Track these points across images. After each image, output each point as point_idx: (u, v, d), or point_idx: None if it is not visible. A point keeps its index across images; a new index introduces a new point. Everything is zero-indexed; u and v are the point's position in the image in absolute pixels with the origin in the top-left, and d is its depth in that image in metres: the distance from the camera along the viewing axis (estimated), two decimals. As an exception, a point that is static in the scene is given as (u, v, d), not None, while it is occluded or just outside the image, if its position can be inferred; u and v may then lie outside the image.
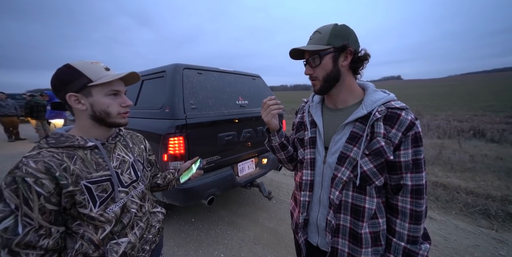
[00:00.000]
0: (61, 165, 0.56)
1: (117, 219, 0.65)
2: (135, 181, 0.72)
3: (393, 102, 0.63)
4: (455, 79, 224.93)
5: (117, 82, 0.65)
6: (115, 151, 0.69)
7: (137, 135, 0.87)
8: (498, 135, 5.43)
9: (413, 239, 0.61)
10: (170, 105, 1.69)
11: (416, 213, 0.61)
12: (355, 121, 0.65)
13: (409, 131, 0.59)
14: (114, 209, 0.63)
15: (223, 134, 1.90)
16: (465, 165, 3.47)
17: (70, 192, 0.56)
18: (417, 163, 0.60)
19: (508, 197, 2.35)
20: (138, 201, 0.72)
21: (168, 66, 1.86)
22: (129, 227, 0.68)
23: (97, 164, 0.63)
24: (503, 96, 19.29)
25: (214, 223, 2.23)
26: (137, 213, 0.71)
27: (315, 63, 0.67)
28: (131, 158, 0.73)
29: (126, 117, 0.68)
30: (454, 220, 2.11)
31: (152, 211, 0.81)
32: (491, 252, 1.69)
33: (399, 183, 0.62)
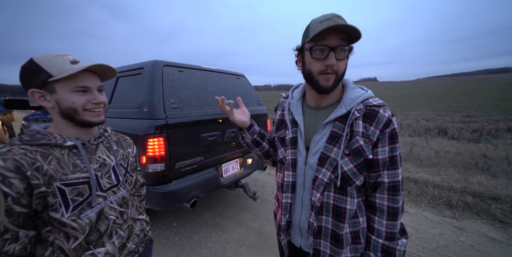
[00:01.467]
0: (33, 164, 0.52)
1: (93, 227, 0.59)
2: (115, 185, 0.67)
3: (371, 99, 0.63)
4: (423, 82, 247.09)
5: (84, 77, 0.58)
6: (96, 153, 0.65)
7: (126, 138, 0.82)
8: (457, 133, 6.07)
9: (391, 235, 0.62)
10: (149, 104, 1.59)
11: (393, 210, 0.61)
12: (335, 121, 0.64)
13: (386, 128, 0.59)
14: (89, 215, 0.58)
15: (206, 135, 1.84)
16: (432, 160, 3.81)
17: (42, 192, 0.52)
18: (393, 160, 0.61)
19: (466, 188, 2.63)
20: (117, 207, 0.67)
21: (146, 62, 1.75)
22: (107, 236, 0.63)
23: (74, 166, 0.58)
24: (461, 98, 21.65)
25: (197, 226, 2.16)
26: (116, 220, 0.66)
27: (341, 56, 0.59)
28: (113, 162, 0.68)
29: (99, 115, 0.62)
30: (423, 212, 2.30)
31: (136, 218, 0.76)
32: (453, 239, 1.87)
33: (377, 180, 0.62)
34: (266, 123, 2.62)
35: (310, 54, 0.60)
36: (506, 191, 2.51)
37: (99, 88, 0.62)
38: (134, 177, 0.77)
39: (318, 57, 0.59)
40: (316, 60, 0.60)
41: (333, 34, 0.57)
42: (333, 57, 0.58)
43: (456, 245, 1.80)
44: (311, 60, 0.61)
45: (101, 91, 0.63)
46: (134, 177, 0.77)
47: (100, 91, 0.63)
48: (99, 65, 0.59)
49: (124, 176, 0.71)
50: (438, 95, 29.72)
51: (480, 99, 18.76)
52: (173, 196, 1.60)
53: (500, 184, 2.73)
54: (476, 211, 2.24)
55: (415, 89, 74.18)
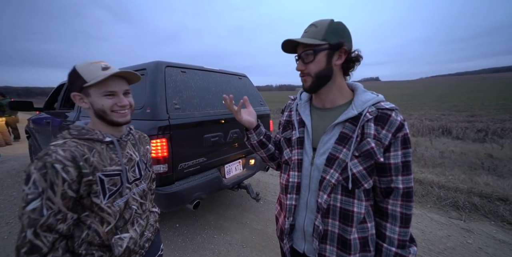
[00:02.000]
0: (83, 155, 0.60)
1: (121, 214, 0.67)
2: (138, 179, 0.75)
3: (382, 103, 0.62)
4: (425, 81, 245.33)
5: (112, 83, 0.66)
6: (125, 148, 0.73)
7: (145, 136, 0.89)
8: (462, 133, 5.99)
9: (403, 243, 0.61)
10: (152, 105, 1.59)
11: (406, 216, 0.61)
12: (345, 122, 0.63)
13: (399, 132, 0.59)
14: (120, 203, 0.67)
15: (209, 135, 1.83)
16: (436, 160, 3.77)
17: (89, 180, 0.60)
18: (407, 165, 0.60)
19: (472, 189, 2.58)
20: (138, 198, 0.74)
21: (149, 63, 1.75)
22: (130, 223, 0.71)
23: (111, 159, 0.66)
24: (464, 97, 21.40)
25: (200, 227, 2.15)
26: (138, 210, 0.74)
27: (308, 59, 0.64)
28: (137, 157, 0.76)
29: (124, 115, 0.69)
30: (429, 213, 2.26)
31: (151, 210, 0.85)
32: (461, 241, 1.84)
33: (390, 186, 0.61)
34: (269, 124, 2.60)
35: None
36: (514, 192, 2.46)
37: (125, 92, 0.69)
38: (151, 172, 0.85)
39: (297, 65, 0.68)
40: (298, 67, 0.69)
41: (296, 45, 0.66)
42: (300, 64, 0.67)
43: (464, 247, 1.77)
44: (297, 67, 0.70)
45: (127, 94, 0.71)
46: (151, 172, 0.85)
47: (126, 94, 0.70)
48: (124, 72, 0.67)
49: (144, 170, 0.79)
50: (441, 95, 29.44)
51: (484, 98, 18.54)
52: (176, 197, 1.59)
53: (508, 185, 2.68)
54: (484, 213, 2.19)
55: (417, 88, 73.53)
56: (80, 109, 2.41)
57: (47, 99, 3.37)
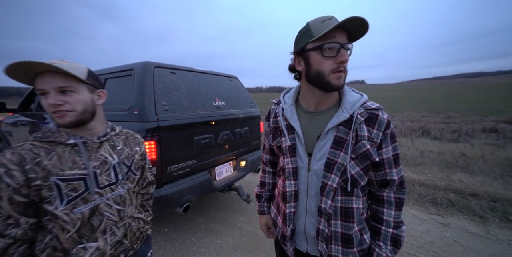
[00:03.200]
0: (34, 159, 0.57)
1: (85, 221, 0.63)
2: (113, 183, 0.69)
3: (368, 103, 0.64)
4: (407, 85, 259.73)
5: (40, 79, 0.58)
6: (98, 150, 0.68)
7: (136, 136, 0.85)
8: (439, 133, 6.41)
9: (398, 224, 0.66)
10: (139, 106, 1.54)
11: (400, 200, 0.66)
12: (338, 125, 0.63)
13: (387, 130, 0.63)
14: (82, 210, 0.62)
15: (199, 137, 1.81)
16: (417, 160, 3.99)
17: (37, 186, 0.56)
18: (396, 158, 0.65)
19: (448, 186, 2.77)
20: (114, 204, 0.69)
21: (136, 64, 1.70)
22: (101, 232, 0.65)
23: (73, 162, 0.62)
24: (441, 100, 22.93)
25: (189, 231, 2.10)
26: (112, 217, 0.68)
27: (348, 54, 0.60)
28: (115, 160, 0.71)
29: (62, 116, 0.60)
30: (411, 210, 2.39)
31: (135, 216, 0.78)
32: (439, 235, 1.96)
33: (385, 178, 0.66)
34: (259, 125, 2.62)
35: (320, 53, 0.59)
36: (483, 188, 2.67)
37: (61, 90, 0.59)
38: (138, 176, 0.79)
39: (329, 55, 0.58)
40: (327, 58, 0.58)
41: (340, 32, 0.57)
42: (346, 53, 0.58)
43: (441, 241, 1.89)
44: (321, 59, 0.59)
45: (65, 93, 0.60)
46: (137, 176, 0.78)
47: (64, 93, 0.60)
48: (47, 65, 0.55)
49: (126, 174, 0.73)
50: (421, 98, 31.28)
51: (458, 101, 19.98)
52: (165, 201, 1.55)
53: (478, 181, 2.91)
54: (458, 208, 2.36)
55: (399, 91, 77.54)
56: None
57: (22, 100, 3.15)
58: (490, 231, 1.99)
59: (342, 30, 0.58)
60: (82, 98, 0.63)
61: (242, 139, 2.29)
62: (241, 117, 2.27)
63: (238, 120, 2.23)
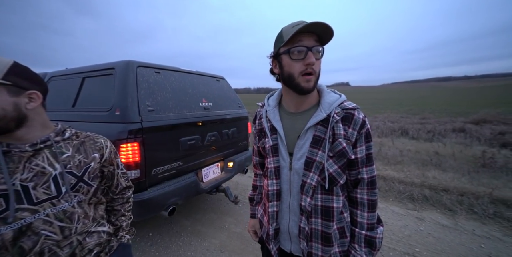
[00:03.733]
0: None
1: (8, 245, 0.53)
2: (54, 197, 0.59)
3: (345, 103, 0.67)
4: (388, 87, 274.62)
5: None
6: (32, 160, 0.58)
7: (96, 140, 0.73)
8: (416, 133, 6.84)
9: (371, 226, 0.68)
10: (121, 106, 1.48)
11: (372, 202, 0.67)
12: (316, 125, 0.66)
13: (362, 129, 0.64)
14: (2, 232, 0.52)
15: (185, 138, 1.78)
16: (397, 158, 4.23)
17: None
18: (369, 157, 0.66)
19: (424, 182, 2.97)
20: (55, 221, 0.59)
21: (118, 62, 1.64)
22: (35, 254, 0.56)
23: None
24: (418, 102, 24.55)
25: (175, 235, 2.05)
26: (53, 236, 0.58)
27: (317, 56, 0.62)
28: (57, 170, 0.60)
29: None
30: (391, 206, 2.53)
31: (93, 230, 0.68)
32: (415, 229, 2.10)
33: (358, 177, 0.67)
34: (247, 126, 2.63)
35: (288, 57, 0.62)
36: (453, 183, 2.90)
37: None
38: (94, 186, 0.68)
39: (297, 58, 0.61)
40: (295, 61, 0.61)
41: (307, 35, 0.60)
42: (312, 56, 0.60)
43: (417, 234, 2.02)
44: (291, 62, 0.62)
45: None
46: (93, 186, 0.68)
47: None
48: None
49: (76, 185, 0.63)
50: (400, 100, 33.22)
51: (432, 104, 21.50)
52: (149, 205, 1.50)
53: (449, 177, 3.16)
54: (432, 202, 2.54)
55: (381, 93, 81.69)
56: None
57: None
58: (458, 222, 2.17)
59: (310, 34, 0.60)
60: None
61: (230, 140, 2.29)
62: (229, 118, 2.27)
63: (226, 121, 2.22)
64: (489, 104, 15.57)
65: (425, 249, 1.81)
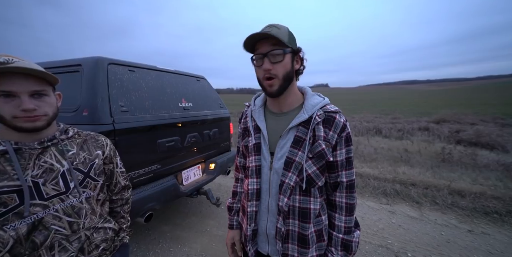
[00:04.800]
0: None
1: (22, 239, 0.56)
2: (62, 193, 0.63)
3: (328, 106, 0.68)
4: (363, 89, 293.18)
5: (7, 81, 0.54)
6: (41, 157, 0.61)
7: (97, 139, 0.77)
8: (388, 132, 7.39)
9: (348, 229, 0.68)
10: (90, 107, 1.36)
11: (350, 206, 0.68)
12: (298, 125, 0.66)
13: (342, 132, 0.65)
14: (17, 226, 0.55)
15: (163, 140, 1.69)
16: (372, 156, 4.52)
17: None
18: (349, 160, 0.67)
19: (395, 178, 3.22)
20: (64, 216, 0.63)
21: (85, 59, 1.50)
22: (46, 248, 0.59)
23: (3, 173, 0.55)
24: (389, 103, 26.59)
25: (153, 241, 1.95)
26: (62, 231, 0.62)
27: (276, 59, 0.62)
28: (64, 167, 0.64)
29: (34, 120, 0.57)
30: (367, 202, 2.69)
31: (99, 226, 0.71)
32: (388, 222, 2.26)
33: (337, 180, 0.68)
34: (229, 126, 2.60)
35: (253, 64, 0.66)
36: (420, 178, 3.19)
37: (32, 93, 0.57)
38: (100, 181, 0.73)
39: (258, 64, 0.65)
40: (258, 68, 0.65)
41: (263, 41, 0.62)
42: (267, 62, 0.62)
43: (390, 227, 2.18)
44: (256, 69, 0.66)
45: (37, 96, 0.58)
46: (99, 182, 0.72)
47: (36, 96, 0.58)
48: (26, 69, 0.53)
49: (83, 181, 0.67)
50: (374, 101, 35.62)
51: (401, 104, 23.44)
52: (123, 212, 1.40)
53: (416, 172, 3.46)
54: (402, 196, 2.76)
55: (357, 94, 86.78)
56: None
57: None
58: (423, 214, 2.38)
59: (266, 39, 0.62)
60: (53, 101, 0.62)
61: (211, 141, 2.24)
62: (210, 118, 2.21)
63: (207, 121, 2.17)
64: (447, 105, 17.46)
65: (396, 240, 1.95)
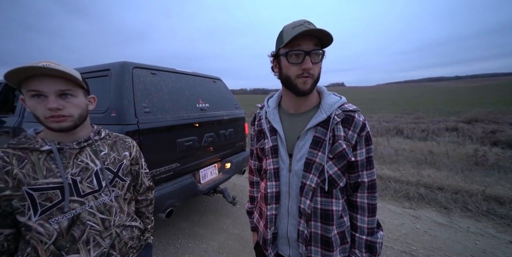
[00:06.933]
0: (4, 168, 0.55)
1: (64, 232, 0.60)
2: (96, 191, 0.66)
3: (346, 105, 0.66)
4: (382, 87, 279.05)
5: (36, 81, 0.56)
6: (78, 157, 0.65)
7: (125, 141, 0.81)
8: (411, 133, 6.96)
9: (371, 230, 0.67)
10: (117, 108, 1.46)
11: (372, 206, 0.66)
12: (316, 126, 0.65)
13: (362, 132, 0.64)
14: (60, 220, 0.59)
15: (182, 140, 1.76)
16: (392, 158, 4.29)
17: (7, 196, 0.54)
18: (369, 160, 0.66)
19: (419, 181, 3.02)
20: (97, 213, 0.66)
21: (113, 64, 1.62)
22: (83, 243, 0.62)
23: (48, 170, 0.59)
24: (411, 102, 25.00)
25: (173, 237, 2.03)
26: (96, 227, 0.65)
27: (316, 60, 0.61)
28: (97, 166, 0.68)
29: (60, 121, 0.60)
30: (388, 205, 2.56)
31: (127, 224, 0.73)
32: (411, 227, 2.13)
33: (357, 180, 0.66)
34: (244, 127, 2.63)
35: (286, 59, 0.61)
36: (448, 181, 2.96)
37: (59, 93, 0.59)
38: (127, 181, 0.75)
39: (295, 62, 0.60)
40: (292, 64, 0.61)
41: (307, 39, 0.59)
42: (309, 61, 0.59)
43: (414, 232, 2.05)
44: (288, 65, 0.62)
45: (64, 96, 0.60)
46: (127, 181, 0.75)
47: (63, 96, 0.60)
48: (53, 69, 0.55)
49: (112, 180, 0.70)
50: (394, 100, 33.75)
51: (425, 103, 21.93)
52: (146, 207, 1.49)
53: (443, 176, 3.21)
54: (428, 201, 2.58)
55: (375, 93, 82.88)
56: (23, 114, 2.08)
57: None
58: (453, 220, 2.21)
59: (309, 37, 0.59)
60: (80, 102, 0.63)
61: (227, 141, 2.28)
62: (226, 118, 2.26)
63: (223, 121, 2.22)
64: (479, 104, 15.97)
65: (422, 247, 1.83)
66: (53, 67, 0.55)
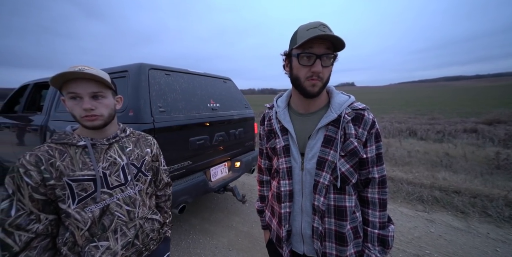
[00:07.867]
0: (49, 160, 0.62)
1: (96, 221, 0.66)
2: (122, 184, 0.72)
3: (355, 103, 0.68)
4: (394, 87, 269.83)
5: (74, 84, 0.63)
6: (108, 152, 0.71)
7: (147, 138, 0.87)
8: (425, 134, 6.70)
9: (383, 224, 0.69)
10: (135, 108, 1.54)
11: (383, 201, 0.69)
12: (327, 125, 0.66)
13: (372, 129, 0.66)
14: (93, 209, 0.65)
15: (194, 138, 1.82)
16: (405, 159, 4.16)
17: (52, 185, 0.61)
18: (379, 156, 0.68)
19: (434, 184, 2.91)
20: (124, 205, 0.71)
21: (131, 65, 1.70)
22: (111, 231, 0.68)
23: (84, 164, 0.66)
24: (426, 102, 24.00)
25: (184, 232, 2.09)
26: (122, 218, 0.70)
27: (326, 64, 0.62)
28: (124, 161, 0.73)
29: (93, 119, 0.66)
30: (400, 208, 2.49)
31: (149, 217, 0.78)
32: (425, 231, 2.06)
33: (368, 176, 0.68)
34: (253, 126, 2.66)
35: (297, 61, 0.62)
36: (465, 185, 2.83)
37: (94, 94, 0.66)
38: (149, 176, 0.81)
39: (305, 64, 0.61)
40: (303, 66, 0.62)
41: (319, 42, 0.59)
42: (319, 64, 0.60)
43: (428, 236, 1.99)
44: (299, 66, 0.63)
45: (97, 98, 0.67)
46: (148, 176, 0.80)
47: (96, 98, 0.67)
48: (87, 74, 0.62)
49: (136, 175, 0.75)
50: (407, 100, 32.55)
51: (441, 103, 20.98)
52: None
53: (460, 179, 3.08)
54: (443, 204, 2.49)
55: (387, 93, 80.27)
56: (50, 112, 2.22)
57: (6, 101, 3.03)
58: (471, 225, 2.12)
59: (322, 40, 0.59)
60: (109, 103, 0.70)
61: (237, 140, 2.32)
62: (236, 118, 2.30)
63: (233, 121, 2.26)
64: (502, 104, 15.04)
65: (436, 251, 1.78)
66: (87, 71, 0.62)
